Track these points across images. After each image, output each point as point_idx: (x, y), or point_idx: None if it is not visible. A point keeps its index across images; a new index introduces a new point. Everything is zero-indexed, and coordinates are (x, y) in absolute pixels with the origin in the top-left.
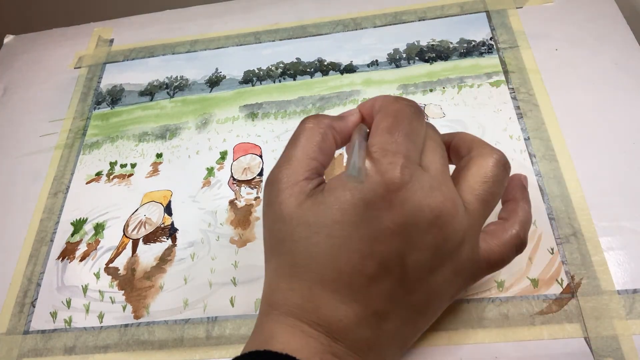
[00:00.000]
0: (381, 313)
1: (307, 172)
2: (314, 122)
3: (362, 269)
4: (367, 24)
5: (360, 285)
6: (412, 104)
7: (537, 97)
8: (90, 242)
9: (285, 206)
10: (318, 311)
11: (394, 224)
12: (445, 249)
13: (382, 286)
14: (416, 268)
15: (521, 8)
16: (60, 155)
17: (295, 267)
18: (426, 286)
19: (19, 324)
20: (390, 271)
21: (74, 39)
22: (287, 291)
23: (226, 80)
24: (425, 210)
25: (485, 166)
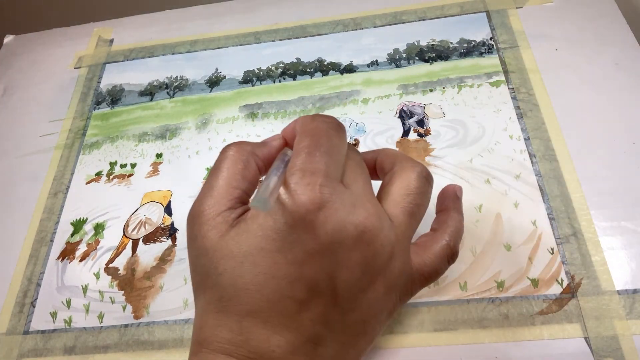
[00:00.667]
0: (316, 338)
1: (230, 201)
2: (235, 150)
3: (292, 295)
4: (367, 24)
5: (291, 312)
6: (330, 120)
7: (537, 97)
8: (90, 242)
9: (207, 239)
10: (248, 344)
11: (319, 245)
12: (375, 265)
13: (315, 310)
14: (347, 288)
15: (521, 8)
16: (60, 155)
17: (222, 301)
18: (360, 305)
19: (19, 324)
20: (321, 294)
21: (74, 39)
22: (216, 327)
23: (226, 80)
24: (349, 228)
25: (407, 179)
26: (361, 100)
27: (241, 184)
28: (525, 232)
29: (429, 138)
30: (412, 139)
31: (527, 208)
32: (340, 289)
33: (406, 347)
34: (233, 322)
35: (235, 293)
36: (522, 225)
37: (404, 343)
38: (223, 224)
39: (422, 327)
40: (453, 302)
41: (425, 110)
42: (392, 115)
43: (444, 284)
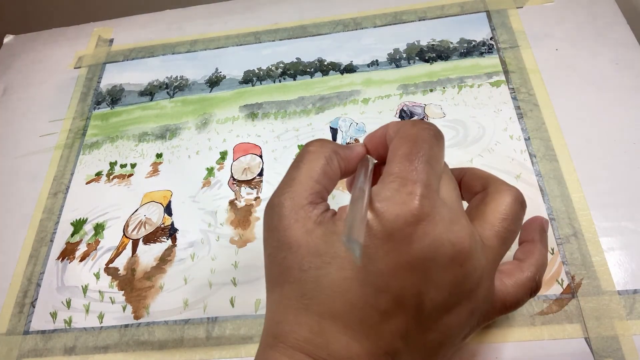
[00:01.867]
0: (393, 352)
1: (311, 195)
2: (318, 145)
3: (376, 304)
4: (367, 24)
5: (373, 322)
6: (431, 127)
7: (537, 97)
8: (90, 243)
9: (290, 232)
10: (328, 347)
11: (413, 259)
12: (464, 288)
13: (396, 323)
14: (433, 307)
15: (521, 8)
16: (60, 155)
17: (304, 299)
18: (441, 326)
19: (19, 324)
20: (406, 308)
21: (74, 39)
22: (295, 324)
23: (226, 80)
24: (447, 245)
25: (504, 203)
26: (361, 100)
27: (322, 180)
28: None
29: None
30: None
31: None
32: (426, 307)
33: None
34: (314, 322)
35: (319, 292)
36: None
37: None
38: (307, 219)
39: None
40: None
41: (426, 110)
42: (392, 115)
43: None
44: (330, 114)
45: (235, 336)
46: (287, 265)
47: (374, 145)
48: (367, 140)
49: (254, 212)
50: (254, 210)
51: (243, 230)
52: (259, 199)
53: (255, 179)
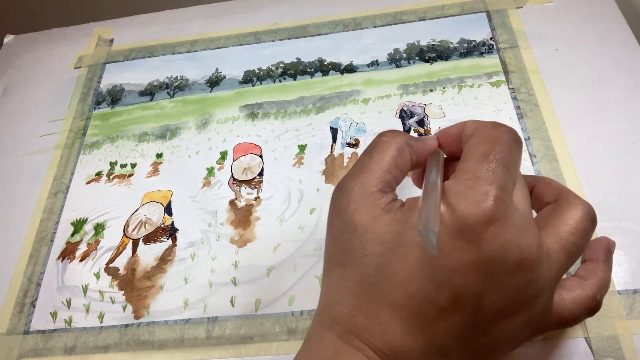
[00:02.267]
0: (445, 351)
1: (381, 183)
2: (391, 136)
3: (435, 299)
4: (367, 24)
5: (429, 317)
6: (512, 131)
7: (537, 97)
8: (90, 242)
9: (358, 216)
10: (384, 337)
11: (479, 259)
12: (524, 296)
13: (452, 322)
14: (491, 310)
15: (521, 8)
16: (60, 155)
17: (364, 283)
18: (495, 331)
19: (19, 324)
20: (464, 307)
21: (74, 39)
22: (352, 307)
23: (226, 80)
24: (515, 250)
25: (575, 217)
26: (361, 100)
27: (393, 170)
28: None
29: None
30: None
31: None
32: (484, 310)
33: None
34: (371, 309)
35: (379, 279)
36: None
37: None
38: (375, 205)
39: None
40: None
41: (426, 111)
42: (393, 115)
43: None
44: (330, 114)
45: (235, 336)
46: (351, 247)
47: (447, 141)
48: (440, 135)
49: (254, 212)
50: (254, 210)
51: (243, 230)
52: (259, 199)
53: (256, 178)
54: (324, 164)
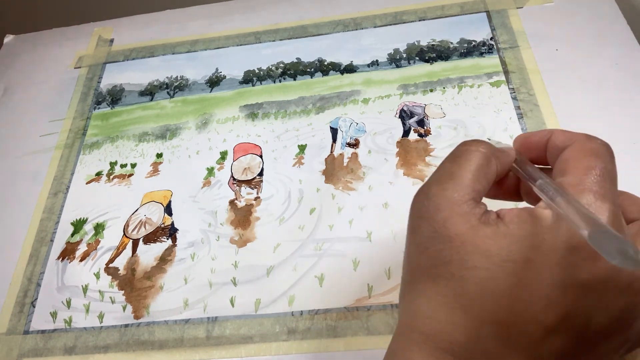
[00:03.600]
0: None
1: (473, 192)
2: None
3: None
4: (367, 24)
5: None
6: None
7: (537, 97)
8: (90, 242)
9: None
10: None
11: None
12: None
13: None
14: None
15: (521, 8)
16: (60, 155)
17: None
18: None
19: (19, 324)
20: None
21: (74, 39)
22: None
23: (226, 80)
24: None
25: None
26: (361, 100)
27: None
28: None
29: (429, 138)
30: (412, 139)
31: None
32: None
33: None
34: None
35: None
36: None
37: None
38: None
39: None
40: None
41: (426, 110)
42: (393, 115)
43: None
44: (330, 114)
45: (235, 336)
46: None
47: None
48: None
49: (254, 212)
50: (254, 210)
51: (243, 230)
52: (259, 199)
53: (255, 178)
54: (324, 164)
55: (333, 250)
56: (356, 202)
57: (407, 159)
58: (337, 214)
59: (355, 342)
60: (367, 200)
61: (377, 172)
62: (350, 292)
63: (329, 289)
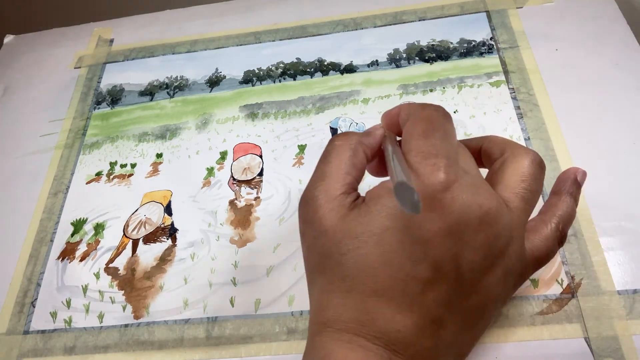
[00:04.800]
0: (439, 321)
1: (344, 186)
2: (342, 139)
3: (417, 275)
4: (367, 24)
5: (415, 292)
6: (441, 108)
7: (537, 97)
8: (90, 242)
9: (326, 220)
10: (375, 323)
11: (446, 224)
12: (496, 248)
13: (438, 291)
14: (470, 270)
15: (521, 8)
16: (60, 155)
17: (346, 281)
18: (481, 289)
19: (19, 324)
20: (446, 274)
21: (74, 39)
22: (340, 306)
23: (226, 80)
24: (475, 208)
25: (522, 166)
26: (361, 100)
27: (352, 171)
28: None
29: None
30: None
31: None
32: (464, 271)
33: None
34: (358, 302)
35: (360, 272)
36: None
37: None
38: (341, 206)
39: None
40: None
41: None
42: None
43: None
44: (330, 114)
45: (235, 336)
46: (326, 252)
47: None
48: (384, 116)
49: (254, 212)
50: (254, 210)
51: (243, 230)
52: (258, 199)
53: (255, 179)
54: None
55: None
56: None
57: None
58: None
59: None
60: None
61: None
62: None
63: None
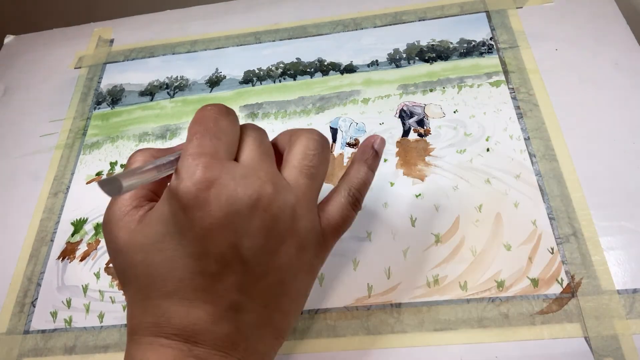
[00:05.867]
0: (236, 306)
1: (135, 200)
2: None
3: (202, 270)
4: (367, 24)
5: (205, 286)
6: (215, 106)
7: (537, 97)
8: (90, 242)
9: (119, 239)
10: (171, 322)
11: (216, 219)
12: (279, 228)
13: (228, 280)
14: (254, 254)
15: (521, 8)
16: (61, 155)
17: (142, 291)
18: (273, 268)
19: (19, 323)
20: (230, 263)
21: (74, 39)
22: (140, 315)
23: (226, 80)
24: (242, 197)
25: (301, 144)
26: (361, 100)
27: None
28: (525, 232)
29: (429, 138)
30: (412, 139)
31: (527, 208)
32: (247, 256)
33: (406, 346)
34: (154, 307)
35: (151, 280)
36: (522, 225)
37: (404, 343)
38: (131, 222)
39: (422, 326)
40: (453, 301)
41: (426, 110)
42: (393, 115)
43: (444, 284)
44: (330, 114)
45: None
46: (123, 268)
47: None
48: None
49: None
50: None
51: None
52: None
53: None
54: None
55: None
56: None
57: (406, 159)
58: None
59: (355, 342)
60: (366, 200)
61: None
62: (350, 292)
63: (329, 289)
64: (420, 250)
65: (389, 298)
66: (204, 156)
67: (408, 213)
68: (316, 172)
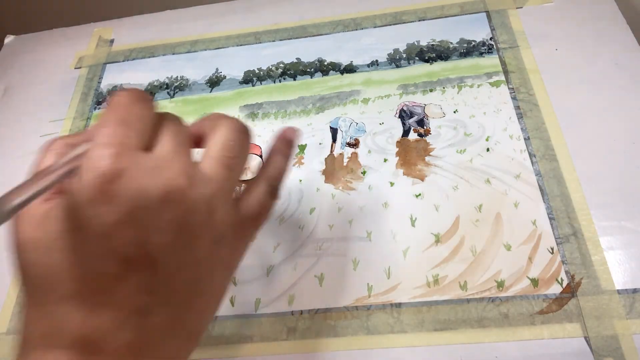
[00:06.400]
0: (142, 309)
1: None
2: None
3: (105, 271)
4: (367, 24)
5: (107, 288)
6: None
7: (537, 97)
8: None
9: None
10: (65, 331)
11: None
12: (193, 222)
13: (133, 281)
14: (165, 251)
15: (521, 8)
16: None
17: (36, 294)
18: (185, 266)
19: (20, 323)
20: (137, 263)
21: (74, 39)
22: (33, 322)
23: (226, 80)
24: (152, 190)
25: (220, 134)
26: (361, 100)
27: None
28: (525, 232)
29: (429, 138)
30: (412, 139)
31: (527, 208)
32: (157, 253)
33: (406, 346)
34: (48, 312)
35: (46, 282)
36: (522, 225)
37: (404, 343)
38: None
39: (422, 326)
40: (453, 301)
41: (426, 110)
42: (392, 115)
43: (444, 284)
44: (330, 114)
45: (235, 336)
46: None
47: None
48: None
49: None
50: None
51: None
52: None
53: None
54: (324, 164)
55: (333, 249)
56: (356, 201)
57: (407, 159)
58: (337, 213)
59: (355, 342)
60: (367, 200)
61: (377, 171)
62: (350, 292)
63: (329, 289)
64: (420, 250)
65: (389, 298)
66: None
67: (408, 213)
68: (235, 162)
